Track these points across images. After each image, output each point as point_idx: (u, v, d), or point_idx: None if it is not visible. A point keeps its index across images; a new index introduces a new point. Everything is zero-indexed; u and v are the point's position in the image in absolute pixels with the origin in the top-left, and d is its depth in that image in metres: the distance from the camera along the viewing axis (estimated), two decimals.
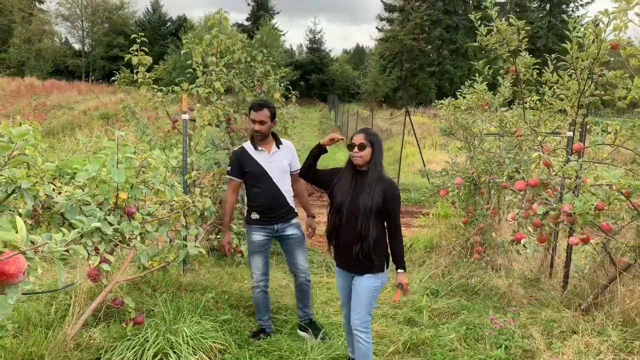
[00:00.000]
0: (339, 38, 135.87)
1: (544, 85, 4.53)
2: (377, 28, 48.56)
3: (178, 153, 4.30)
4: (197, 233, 3.69)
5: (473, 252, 5.17)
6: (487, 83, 5.33)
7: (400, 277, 2.90)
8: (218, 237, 5.13)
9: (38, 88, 28.58)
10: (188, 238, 3.55)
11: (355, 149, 2.86)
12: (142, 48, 4.84)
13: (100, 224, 2.60)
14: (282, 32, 45.49)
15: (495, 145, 5.39)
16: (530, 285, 4.61)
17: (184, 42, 5.03)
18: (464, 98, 5.57)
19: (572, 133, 4.23)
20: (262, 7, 49.60)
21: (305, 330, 3.70)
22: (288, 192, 3.64)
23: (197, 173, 4.75)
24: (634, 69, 3.46)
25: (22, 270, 1.49)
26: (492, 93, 5.49)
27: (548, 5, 44.87)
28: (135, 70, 4.98)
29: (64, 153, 11.04)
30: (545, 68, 4.33)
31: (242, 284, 4.49)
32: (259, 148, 3.55)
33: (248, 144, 3.60)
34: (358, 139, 2.88)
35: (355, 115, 19.67)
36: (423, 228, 6.98)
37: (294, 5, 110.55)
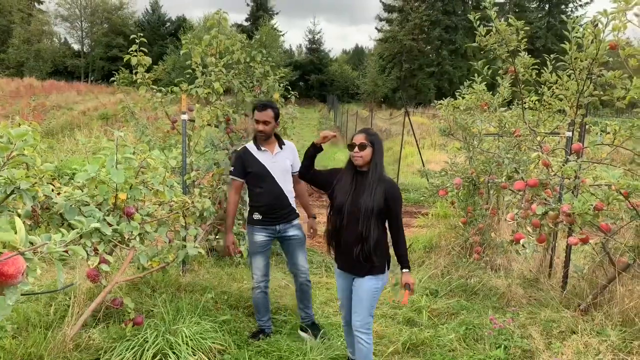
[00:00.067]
0: (338, 38, 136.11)
1: (543, 86, 4.54)
2: (376, 28, 48.56)
3: (177, 153, 4.30)
4: (196, 233, 3.69)
5: (472, 252, 5.17)
6: (486, 83, 5.33)
7: (406, 276, 2.88)
8: (217, 237, 5.13)
9: (37, 88, 28.55)
10: (187, 238, 3.55)
11: (356, 149, 2.84)
12: (141, 48, 4.84)
13: (100, 225, 2.60)
14: (281, 32, 45.59)
15: (495, 146, 5.40)
16: (530, 286, 4.61)
17: (183, 42, 5.03)
18: (463, 98, 5.57)
19: (571, 133, 4.24)
20: (261, 7, 49.65)
21: (306, 331, 3.70)
22: (290, 192, 3.63)
23: (196, 173, 4.75)
24: (633, 69, 3.46)
25: (21, 271, 1.49)
26: (491, 93, 5.49)
27: (547, 6, 44.94)
28: (135, 71, 4.98)
29: (63, 153, 11.03)
30: (544, 68, 4.34)
31: (241, 285, 4.48)
32: (262, 148, 3.55)
33: (251, 144, 3.59)
34: (358, 139, 2.85)
35: (355, 116, 19.66)
36: (422, 228, 6.98)
37: (293, 6, 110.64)
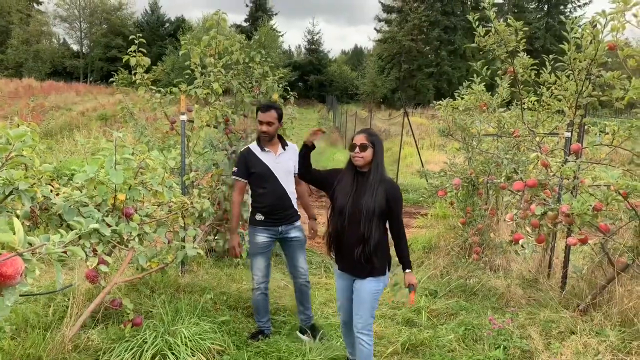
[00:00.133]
0: (337, 39, 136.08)
1: (542, 86, 4.55)
2: (375, 29, 48.66)
3: (176, 154, 4.30)
4: (195, 234, 3.68)
5: (471, 252, 5.17)
6: (485, 84, 5.34)
7: (409, 277, 2.88)
8: (216, 238, 5.12)
9: (36, 89, 28.54)
10: (186, 239, 3.55)
11: (357, 150, 2.80)
12: (140, 49, 4.84)
13: (99, 225, 2.60)
14: (280, 33, 45.55)
15: (494, 146, 5.40)
16: (529, 286, 4.61)
17: (182, 43, 5.03)
18: (462, 99, 5.58)
19: (570, 134, 4.24)
20: (260, 8, 49.65)
21: (305, 333, 3.69)
22: (293, 193, 3.63)
23: (195, 174, 4.75)
24: (632, 70, 3.47)
25: (19, 272, 1.49)
26: (490, 94, 5.50)
27: (546, 6, 45.03)
28: (134, 72, 4.98)
29: (62, 154, 11.02)
30: (543, 69, 4.34)
31: (240, 285, 4.48)
32: (266, 149, 3.55)
33: (254, 145, 3.59)
34: (359, 140, 2.82)
35: (354, 116, 19.65)
36: (421, 229, 6.98)
37: (292, 7, 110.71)
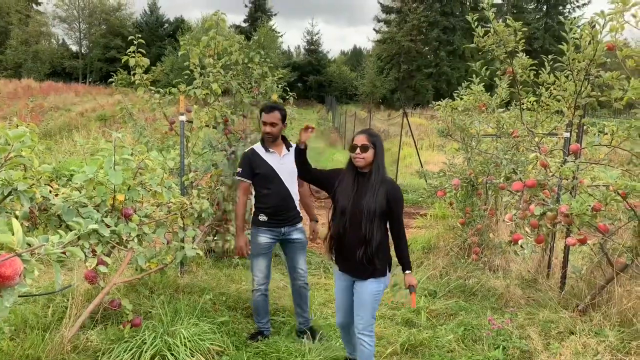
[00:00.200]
0: (337, 39, 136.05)
1: (541, 87, 4.55)
2: (374, 29, 48.64)
3: (175, 154, 4.30)
4: (194, 235, 3.68)
5: (471, 253, 5.17)
6: (484, 84, 5.34)
7: (409, 278, 2.86)
8: (216, 238, 5.12)
9: (35, 90, 28.53)
10: (185, 240, 3.55)
11: (358, 151, 2.77)
12: (139, 50, 4.84)
13: (98, 226, 2.60)
14: (279, 33, 45.56)
15: (493, 146, 5.41)
16: (528, 286, 4.62)
17: (182, 43, 5.03)
18: (461, 99, 5.58)
19: (569, 134, 4.24)
20: (259, 8, 49.65)
21: (303, 334, 3.69)
22: (296, 195, 3.63)
23: (194, 174, 4.75)
24: (631, 70, 3.47)
25: (18, 273, 1.49)
26: (489, 94, 5.50)
27: (545, 7, 45.09)
28: (133, 72, 4.98)
29: (61, 155, 11.00)
30: (542, 69, 4.35)
31: (239, 286, 4.48)
32: (270, 150, 3.55)
33: (258, 146, 3.59)
34: (360, 140, 2.79)
35: (353, 117, 19.65)
36: (421, 229, 6.98)
37: (291, 7, 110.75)
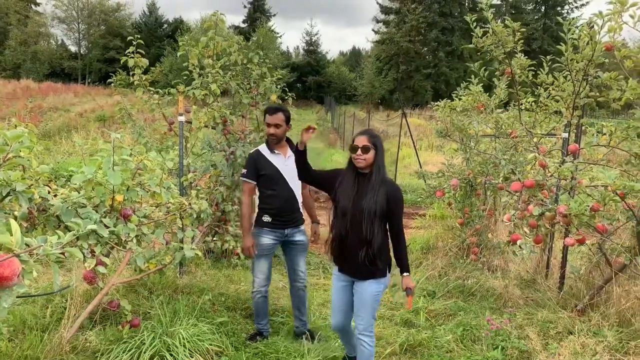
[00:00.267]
0: (336, 40, 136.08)
1: (540, 87, 4.56)
2: (373, 30, 48.71)
3: (174, 155, 4.30)
4: (193, 235, 3.68)
5: (469, 253, 5.18)
6: (482, 85, 5.35)
7: (407, 280, 2.83)
8: (215, 239, 5.12)
9: (34, 90, 28.50)
10: (184, 240, 3.54)
11: (359, 152, 2.74)
12: (138, 50, 4.84)
13: (96, 227, 2.60)
14: (278, 34, 45.58)
15: (491, 147, 5.41)
16: (527, 286, 4.62)
17: (180, 44, 5.03)
18: (460, 100, 5.59)
19: (567, 134, 4.25)
20: (258, 9, 49.64)
21: (302, 334, 3.70)
22: (299, 196, 3.64)
23: (193, 175, 4.74)
24: (629, 71, 3.48)
25: (16, 273, 1.49)
26: (487, 95, 5.52)
27: (543, 7, 45.12)
28: (132, 73, 4.98)
29: (60, 155, 11.00)
30: (541, 70, 4.35)
31: (238, 286, 4.48)
32: (275, 151, 3.55)
33: (263, 147, 3.59)
34: (361, 141, 2.75)
35: (352, 117, 19.67)
36: (419, 229, 6.99)
37: (290, 8, 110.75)
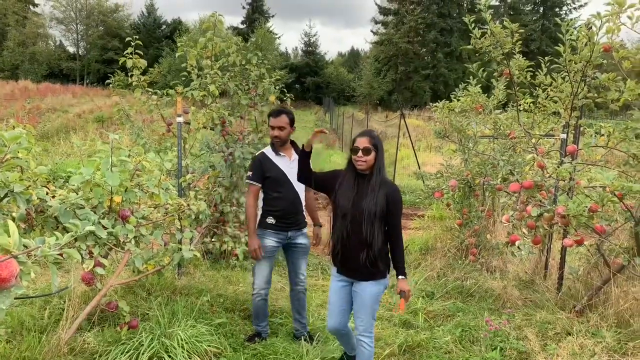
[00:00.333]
0: (334, 41, 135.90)
1: (538, 88, 4.57)
2: (371, 31, 48.48)
3: (173, 156, 4.30)
4: (192, 236, 3.67)
5: (468, 254, 5.18)
6: (481, 86, 5.36)
7: (402, 284, 2.79)
8: (213, 240, 5.12)
9: (32, 91, 28.43)
10: (183, 241, 3.54)
11: (360, 154, 2.71)
12: (136, 51, 4.84)
13: (95, 228, 2.59)
14: (277, 35, 45.58)
15: (490, 148, 5.42)
16: (525, 287, 4.63)
17: (179, 45, 5.03)
18: (458, 101, 5.60)
19: (565, 135, 4.26)
20: (257, 10, 49.64)
21: (301, 335, 3.69)
22: (303, 199, 3.65)
23: (191, 176, 4.74)
24: (627, 72, 3.48)
25: (14, 275, 1.48)
26: (486, 95, 5.52)
27: (542, 8, 45.17)
28: (130, 74, 4.98)
29: (59, 156, 10.99)
30: (539, 70, 4.36)
31: (237, 287, 4.47)
32: (281, 154, 3.55)
33: (269, 149, 3.59)
34: (362, 143, 2.72)
35: (351, 118, 19.68)
36: (418, 230, 7.00)
37: (289, 9, 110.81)
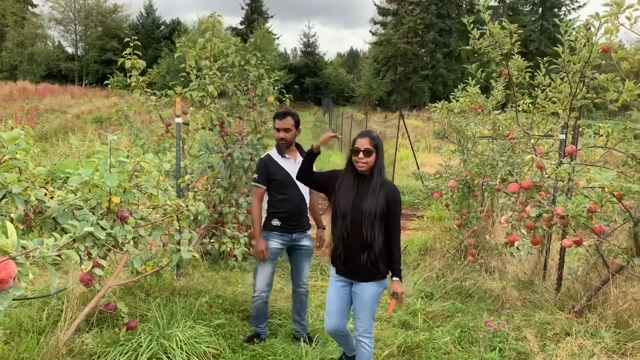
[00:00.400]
0: (333, 41, 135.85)
1: (537, 88, 4.57)
2: (370, 32, 48.44)
3: (171, 157, 4.27)
4: (190, 237, 3.67)
5: (467, 254, 5.18)
6: (480, 86, 5.36)
7: (396, 285, 2.77)
8: (212, 241, 5.11)
9: (31, 92, 28.41)
10: (181, 242, 3.54)
11: (361, 155, 2.70)
12: (135, 52, 4.83)
13: (93, 229, 2.59)
14: (276, 35, 45.54)
15: (489, 148, 5.42)
16: (524, 288, 4.63)
17: (178, 45, 5.03)
18: (457, 101, 5.60)
19: (564, 136, 4.26)
20: (256, 10, 49.61)
21: (301, 337, 3.69)
22: (308, 202, 3.65)
23: (190, 177, 4.74)
24: (625, 72, 3.49)
25: (12, 276, 1.48)
26: (485, 96, 5.52)
27: (540, 9, 45.20)
28: (129, 74, 4.97)
29: (57, 157, 10.98)
30: (538, 71, 4.36)
31: (236, 288, 4.47)
32: (286, 156, 3.56)
33: (274, 152, 3.60)
34: (363, 144, 2.70)
35: (350, 119, 19.69)
36: (417, 231, 7.00)
37: (288, 9, 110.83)
